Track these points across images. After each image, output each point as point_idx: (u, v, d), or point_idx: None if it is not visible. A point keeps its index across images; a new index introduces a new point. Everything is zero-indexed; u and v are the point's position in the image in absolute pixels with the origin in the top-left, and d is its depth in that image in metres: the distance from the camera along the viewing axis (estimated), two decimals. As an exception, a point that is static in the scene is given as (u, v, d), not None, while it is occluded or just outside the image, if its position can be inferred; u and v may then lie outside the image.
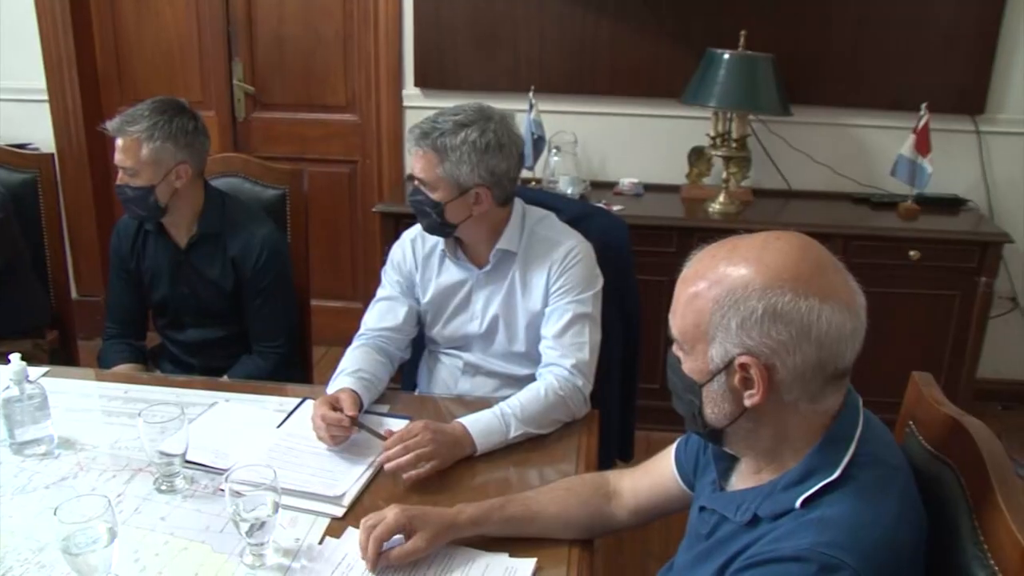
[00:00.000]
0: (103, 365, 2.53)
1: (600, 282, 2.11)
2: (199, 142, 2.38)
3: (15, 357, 1.89)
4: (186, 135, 2.34)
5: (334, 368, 2.10)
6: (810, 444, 1.25)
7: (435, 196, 2.03)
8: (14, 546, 1.60)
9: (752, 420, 1.25)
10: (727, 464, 1.39)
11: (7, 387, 1.88)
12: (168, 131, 2.31)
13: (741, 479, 1.36)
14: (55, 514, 1.45)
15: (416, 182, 2.07)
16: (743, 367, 1.20)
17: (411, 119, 3.90)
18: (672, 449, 1.62)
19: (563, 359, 2.00)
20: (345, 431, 1.86)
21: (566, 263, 2.07)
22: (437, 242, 2.18)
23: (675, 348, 1.30)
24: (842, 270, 1.23)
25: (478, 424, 1.87)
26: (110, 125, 2.32)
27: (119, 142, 2.32)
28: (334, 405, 1.89)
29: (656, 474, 1.64)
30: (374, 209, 3.60)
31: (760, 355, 1.19)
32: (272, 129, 4.22)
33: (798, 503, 1.21)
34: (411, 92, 3.91)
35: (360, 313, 4.15)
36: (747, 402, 1.22)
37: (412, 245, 2.22)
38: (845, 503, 1.18)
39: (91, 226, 4.37)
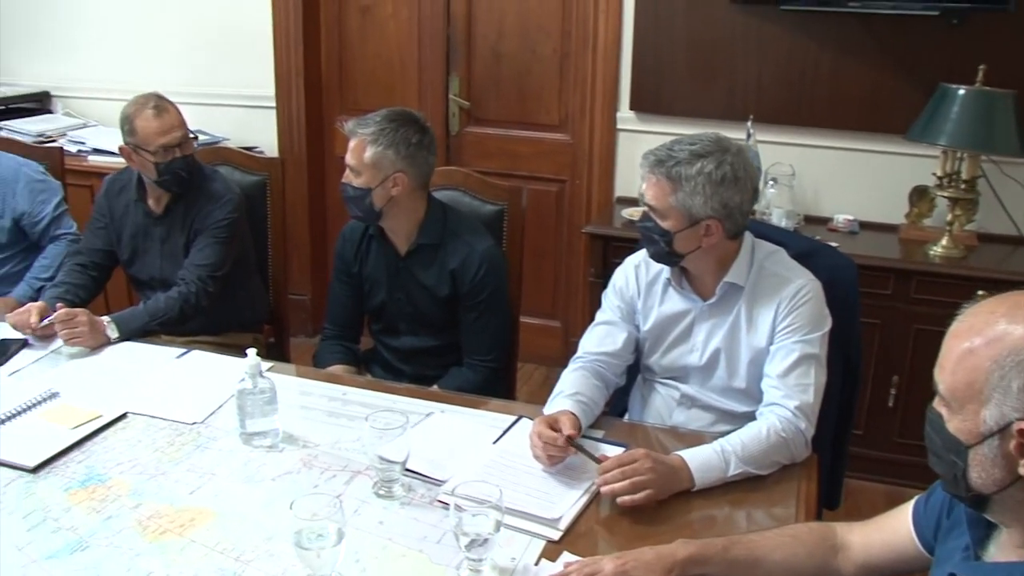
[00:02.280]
0: (318, 364, 2.62)
1: (829, 323, 2.04)
2: (421, 156, 2.43)
3: (252, 352, 1.99)
4: (408, 146, 2.40)
5: (531, 382, 2.10)
6: None
7: (665, 224, 2.01)
8: (245, 532, 1.68)
9: None
10: (984, 531, 1.31)
11: (242, 379, 1.98)
12: (392, 139, 2.38)
13: (1003, 551, 1.27)
14: (291, 508, 1.50)
15: (646, 208, 2.05)
16: (1022, 433, 1.13)
17: (624, 142, 3.91)
18: (909, 507, 1.54)
19: (787, 400, 1.94)
20: (561, 451, 1.86)
21: (795, 301, 2.01)
22: (661, 269, 2.16)
23: (938, 404, 1.23)
24: None
25: (697, 459, 1.83)
26: (347, 125, 2.43)
27: (351, 142, 2.41)
28: (552, 425, 1.89)
29: (889, 531, 1.56)
30: (583, 230, 3.61)
31: None
32: (484, 144, 4.30)
33: None
34: (625, 115, 3.91)
35: (558, 333, 4.26)
36: (1022, 470, 1.14)
37: (636, 271, 2.20)
38: None
39: (304, 228, 4.58)
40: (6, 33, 4.86)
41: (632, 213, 3.57)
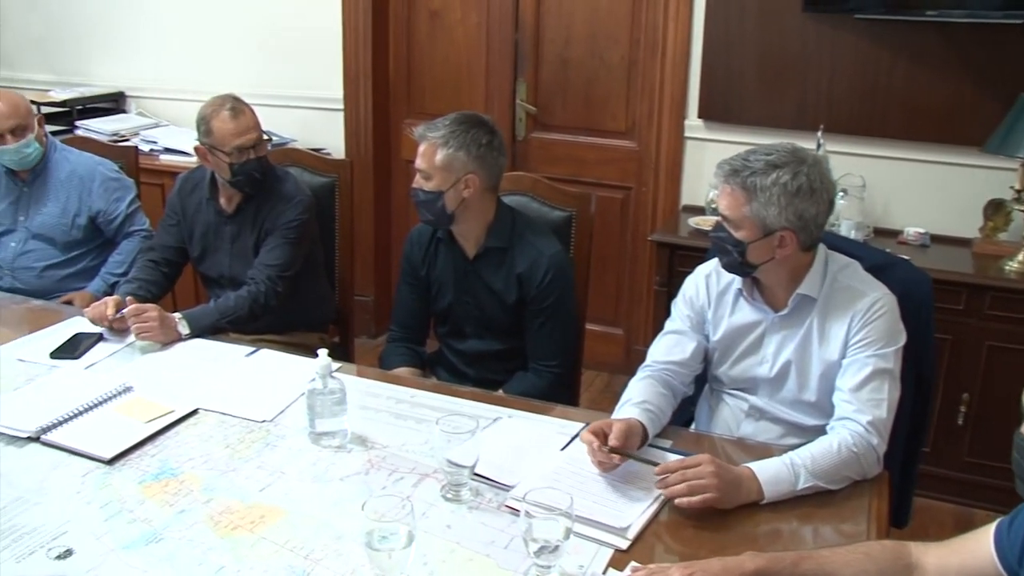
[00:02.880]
0: (384, 365, 2.64)
1: (903, 338, 2.00)
2: (491, 157, 2.44)
3: (323, 352, 2.01)
4: (478, 147, 2.40)
5: (592, 389, 2.07)
6: None
7: (738, 235, 1.99)
8: (314, 531, 1.70)
9: None
10: None
11: (312, 379, 2.00)
12: (462, 141, 2.39)
13: None
14: (363, 509, 1.51)
15: (720, 218, 2.04)
16: None
17: (691, 150, 3.89)
18: (990, 529, 1.50)
19: (859, 414, 1.91)
20: (606, 457, 1.85)
21: (869, 315, 1.98)
22: (732, 280, 2.14)
23: (1027, 428, 1.21)
24: None
25: (767, 471, 1.81)
26: (416, 131, 2.45)
27: (421, 147, 2.42)
28: (604, 430, 1.88)
29: (968, 554, 1.52)
30: (650, 238, 3.59)
31: None
32: (550, 150, 4.30)
33: None
34: (693, 123, 3.88)
35: (621, 340, 4.24)
36: None
37: (707, 281, 2.19)
38: None
39: (369, 230, 4.61)
40: (84, 36, 5.00)
41: (699, 222, 3.55)
